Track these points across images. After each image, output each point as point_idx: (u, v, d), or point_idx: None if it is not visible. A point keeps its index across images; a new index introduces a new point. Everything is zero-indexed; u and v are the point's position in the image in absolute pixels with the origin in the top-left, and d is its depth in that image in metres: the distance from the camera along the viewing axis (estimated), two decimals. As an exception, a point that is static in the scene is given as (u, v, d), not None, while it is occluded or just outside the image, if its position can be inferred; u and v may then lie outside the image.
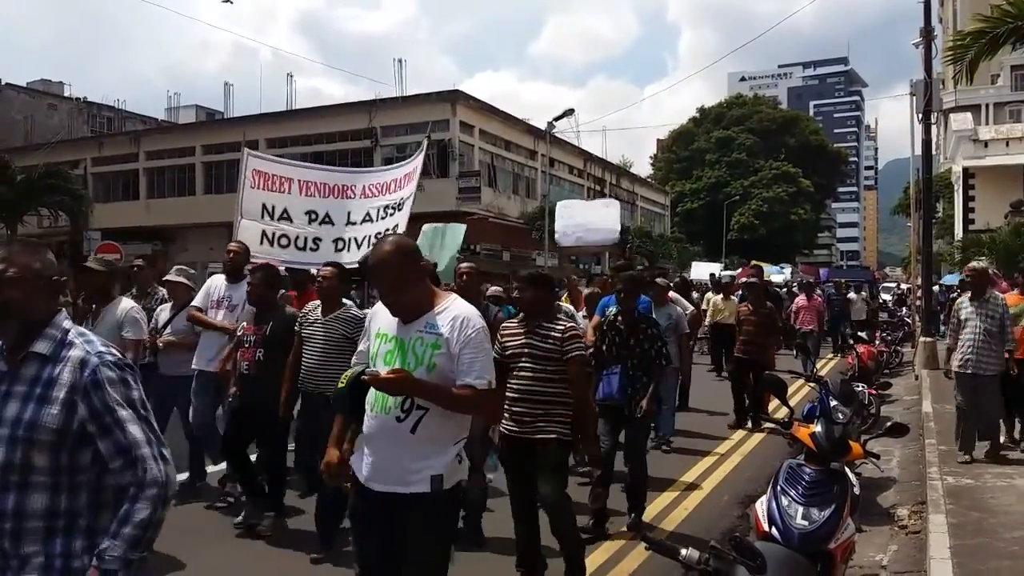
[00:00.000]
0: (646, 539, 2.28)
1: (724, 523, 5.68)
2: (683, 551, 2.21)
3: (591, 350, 5.59)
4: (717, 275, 22.73)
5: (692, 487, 6.70)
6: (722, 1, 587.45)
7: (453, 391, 2.71)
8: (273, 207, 7.83)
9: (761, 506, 3.40)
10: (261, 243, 7.59)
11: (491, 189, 34.05)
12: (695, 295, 16.13)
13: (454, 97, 32.71)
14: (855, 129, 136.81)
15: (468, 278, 5.60)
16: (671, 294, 8.91)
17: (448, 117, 32.27)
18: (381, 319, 2.91)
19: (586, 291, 8.83)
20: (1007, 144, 33.49)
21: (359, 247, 7.75)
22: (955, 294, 17.61)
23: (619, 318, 5.66)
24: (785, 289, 20.27)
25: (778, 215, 58.91)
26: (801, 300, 14.85)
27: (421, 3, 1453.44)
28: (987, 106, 41.55)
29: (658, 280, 8.69)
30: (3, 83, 45.10)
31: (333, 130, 34.53)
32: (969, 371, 6.89)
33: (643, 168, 69.93)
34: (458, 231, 9.78)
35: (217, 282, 6.26)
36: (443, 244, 9.62)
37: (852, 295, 19.23)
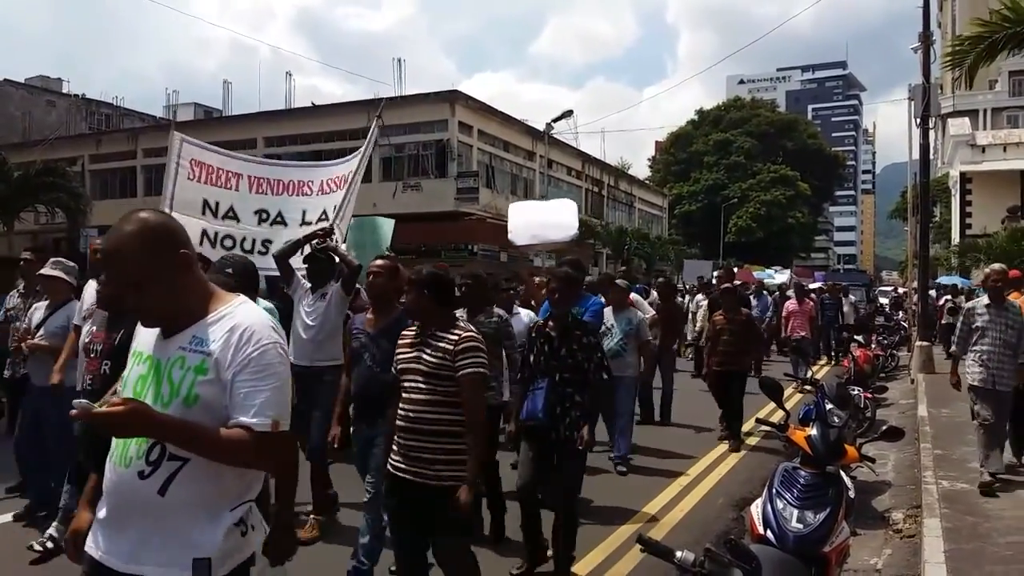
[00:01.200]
0: (641, 540, 2.28)
1: (719, 525, 5.68)
2: (678, 553, 2.21)
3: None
4: (706, 277, 22.35)
5: (687, 490, 6.70)
6: (721, 4, 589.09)
7: (218, 435, 1.90)
8: (217, 204, 7.02)
9: (756, 509, 3.39)
10: (201, 243, 6.69)
11: (489, 190, 34.06)
12: (683, 298, 15.66)
13: (453, 97, 32.73)
14: (853, 133, 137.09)
15: (376, 277, 4.49)
16: (632, 297, 8.15)
17: (447, 117, 32.30)
18: (142, 332, 2.12)
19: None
20: (1004, 149, 33.61)
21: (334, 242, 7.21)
22: (947, 299, 17.66)
23: (549, 323, 4.84)
24: (777, 293, 18.49)
25: (776, 218, 59.09)
26: (791, 305, 13.62)
27: (421, 2, 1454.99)
28: (985, 111, 41.66)
29: (617, 281, 8.01)
30: (1, 79, 44.99)
31: (331, 129, 34.50)
32: (990, 387, 6.21)
33: (641, 170, 70.19)
34: (385, 226, 8.72)
35: (91, 289, 5.04)
36: (370, 241, 8.52)
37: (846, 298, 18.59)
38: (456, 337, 3.51)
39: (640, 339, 7.52)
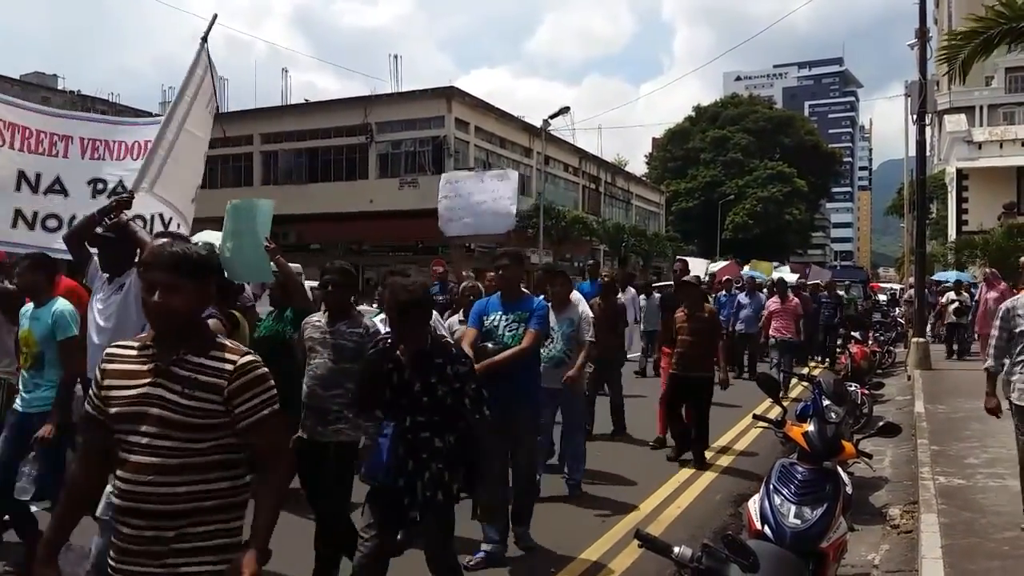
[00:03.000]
0: (639, 536, 2.28)
1: (717, 521, 5.68)
2: (676, 549, 2.21)
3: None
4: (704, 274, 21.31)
5: (685, 486, 6.70)
6: (717, 0, 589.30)
7: None
8: (38, 176, 5.54)
9: (754, 505, 3.40)
10: (14, 225, 5.48)
11: (486, 186, 34.04)
12: (656, 295, 13.50)
13: (450, 94, 32.73)
14: (850, 129, 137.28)
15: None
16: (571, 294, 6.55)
17: (444, 114, 32.30)
18: None
19: (463, 285, 6.59)
20: (1001, 146, 33.63)
21: (165, 224, 5.55)
22: (949, 296, 17.43)
23: (399, 346, 3.45)
24: (765, 290, 16.38)
25: (772, 215, 59.20)
26: (774, 303, 11.89)
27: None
28: (981, 108, 41.70)
29: (557, 272, 6.58)
30: (-4, 76, 44.85)
31: (328, 126, 34.50)
32: None
33: (638, 167, 70.23)
34: (264, 208, 6.92)
35: None
36: (248, 228, 6.73)
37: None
38: (230, 366, 2.18)
39: (580, 341, 6.10)
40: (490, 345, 4.73)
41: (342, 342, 4.22)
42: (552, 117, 32.16)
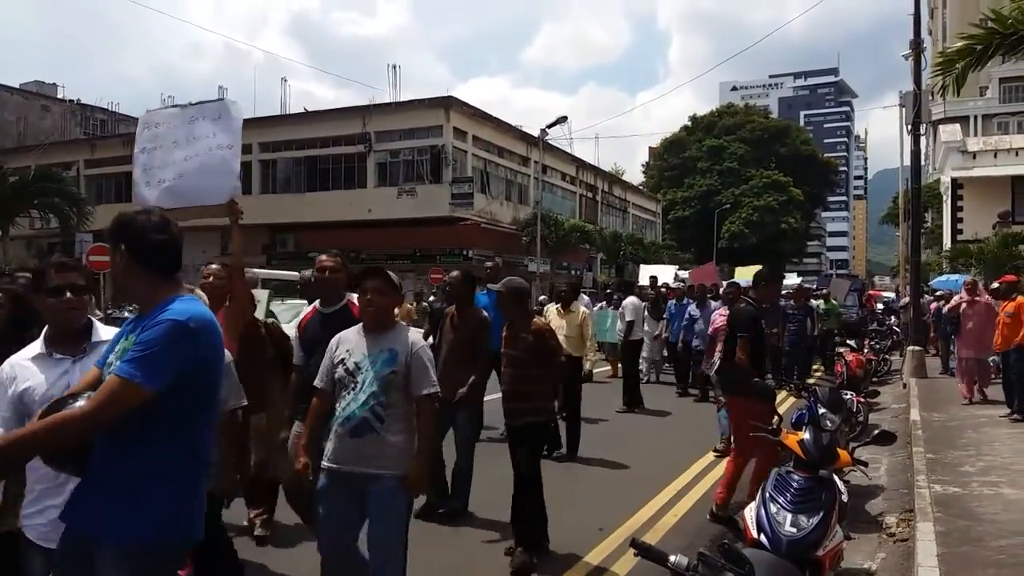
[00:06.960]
0: (635, 544, 2.30)
1: (713, 530, 5.70)
2: (672, 557, 2.23)
3: None
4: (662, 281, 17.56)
5: (681, 494, 6.71)
6: (713, 10, 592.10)
7: None
8: None
9: (750, 513, 3.42)
10: None
11: (484, 195, 34.13)
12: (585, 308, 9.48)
13: (447, 103, 32.79)
14: (845, 139, 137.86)
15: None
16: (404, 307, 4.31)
17: (442, 123, 32.35)
18: None
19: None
20: (995, 155, 33.74)
21: None
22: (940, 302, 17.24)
23: None
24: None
25: (768, 224, 59.33)
26: (720, 317, 6.78)
27: (415, 8, 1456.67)
28: (976, 118, 41.92)
29: (369, 281, 3.70)
30: (-5, 84, 44.94)
31: (327, 135, 34.53)
32: None
33: (635, 175, 70.34)
34: None
35: None
36: None
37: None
38: None
39: (420, 390, 3.62)
40: (81, 402, 2.26)
41: None
42: (550, 127, 32.25)
